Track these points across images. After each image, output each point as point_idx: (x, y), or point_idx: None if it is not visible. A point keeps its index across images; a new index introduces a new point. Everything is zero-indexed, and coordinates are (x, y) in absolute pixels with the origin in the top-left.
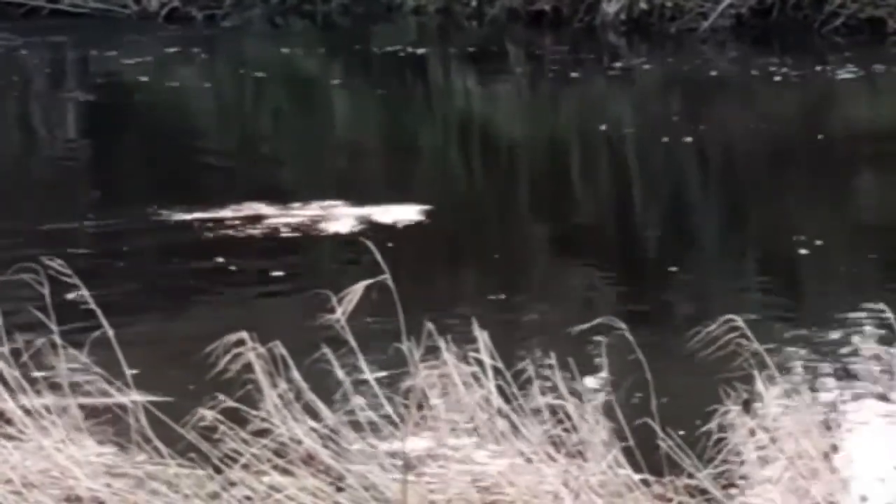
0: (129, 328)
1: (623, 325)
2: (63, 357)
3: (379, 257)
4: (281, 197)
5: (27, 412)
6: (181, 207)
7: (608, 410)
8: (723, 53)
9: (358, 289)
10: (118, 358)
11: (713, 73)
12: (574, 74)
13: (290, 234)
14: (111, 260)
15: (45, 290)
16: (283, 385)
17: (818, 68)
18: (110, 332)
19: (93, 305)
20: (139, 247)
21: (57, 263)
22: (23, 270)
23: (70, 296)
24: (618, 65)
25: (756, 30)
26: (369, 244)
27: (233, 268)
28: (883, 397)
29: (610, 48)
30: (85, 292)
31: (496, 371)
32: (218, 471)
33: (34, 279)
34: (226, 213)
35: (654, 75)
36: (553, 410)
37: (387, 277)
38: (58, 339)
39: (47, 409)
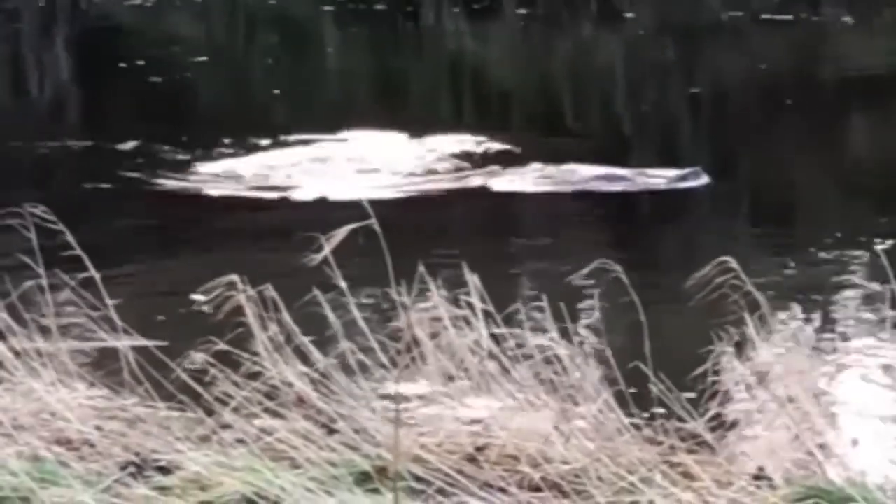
0: (119, 271)
1: (618, 268)
2: (52, 301)
3: (365, 203)
4: (274, 137)
5: (17, 354)
6: (172, 149)
7: (600, 354)
8: None
9: (343, 231)
10: (108, 302)
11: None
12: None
13: (284, 177)
14: (101, 203)
15: (32, 235)
16: (273, 328)
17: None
18: (97, 276)
19: (78, 251)
20: (129, 190)
21: (40, 210)
22: (9, 216)
23: (58, 241)
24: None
25: None
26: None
27: (224, 211)
28: (874, 339)
29: None
30: (70, 238)
31: (487, 315)
32: (209, 413)
33: (20, 224)
34: (218, 154)
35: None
36: (544, 354)
37: (373, 222)
38: (44, 283)
39: (38, 352)
